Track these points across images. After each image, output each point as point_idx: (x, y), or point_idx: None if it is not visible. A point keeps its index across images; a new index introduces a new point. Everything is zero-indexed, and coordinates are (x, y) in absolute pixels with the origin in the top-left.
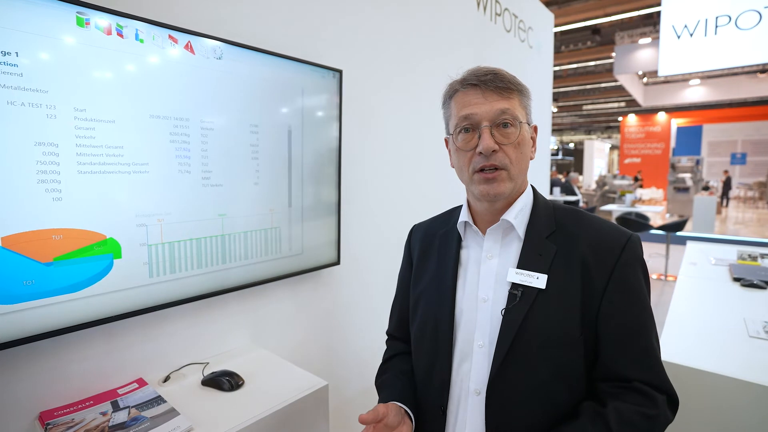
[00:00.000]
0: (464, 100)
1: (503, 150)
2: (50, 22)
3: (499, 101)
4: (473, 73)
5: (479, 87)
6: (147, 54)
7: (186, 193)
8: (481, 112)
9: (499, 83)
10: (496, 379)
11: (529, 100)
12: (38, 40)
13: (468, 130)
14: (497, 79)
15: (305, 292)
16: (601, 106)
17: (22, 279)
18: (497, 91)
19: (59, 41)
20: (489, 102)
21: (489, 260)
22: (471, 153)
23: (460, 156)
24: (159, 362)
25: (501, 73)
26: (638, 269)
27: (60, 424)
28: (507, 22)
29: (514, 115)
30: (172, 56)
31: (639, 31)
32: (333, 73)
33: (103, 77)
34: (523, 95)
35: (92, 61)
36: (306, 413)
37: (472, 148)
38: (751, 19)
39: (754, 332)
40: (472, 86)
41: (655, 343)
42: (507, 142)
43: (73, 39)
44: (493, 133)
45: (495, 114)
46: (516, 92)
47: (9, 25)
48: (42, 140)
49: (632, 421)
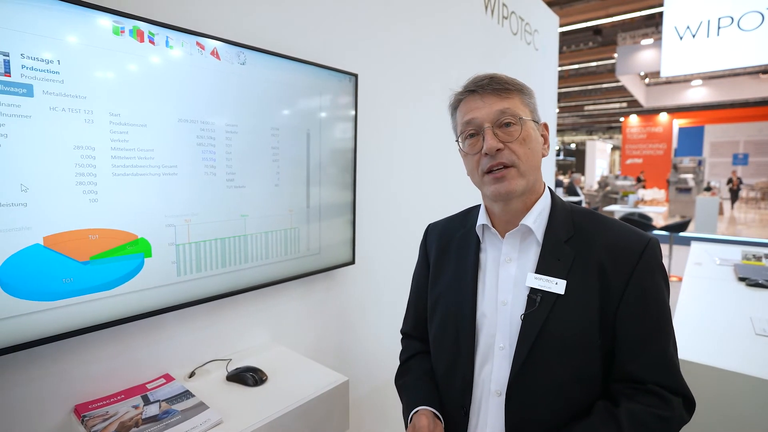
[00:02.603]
0: (466, 107)
1: (508, 147)
2: (90, 31)
3: (497, 102)
4: (472, 81)
5: (477, 92)
6: (176, 60)
7: (211, 195)
8: (482, 115)
9: (496, 86)
10: (517, 380)
11: (531, 99)
12: (78, 48)
13: (472, 134)
14: (493, 82)
15: (321, 291)
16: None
17: (61, 277)
18: (495, 93)
19: (97, 49)
20: (488, 105)
21: (507, 264)
22: (478, 156)
23: (469, 161)
24: (184, 358)
25: (497, 77)
26: (657, 274)
27: (96, 416)
28: (514, 25)
29: (515, 113)
30: (199, 62)
31: (641, 32)
32: (349, 77)
33: (136, 83)
34: (525, 94)
35: (126, 68)
36: (328, 407)
37: (478, 150)
38: (754, 20)
39: (760, 330)
40: (471, 93)
41: (672, 346)
42: (511, 139)
43: (109, 47)
44: (496, 132)
45: (495, 115)
46: (515, 92)
47: (54, 35)
48: (80, 144)
49: (645, 422)
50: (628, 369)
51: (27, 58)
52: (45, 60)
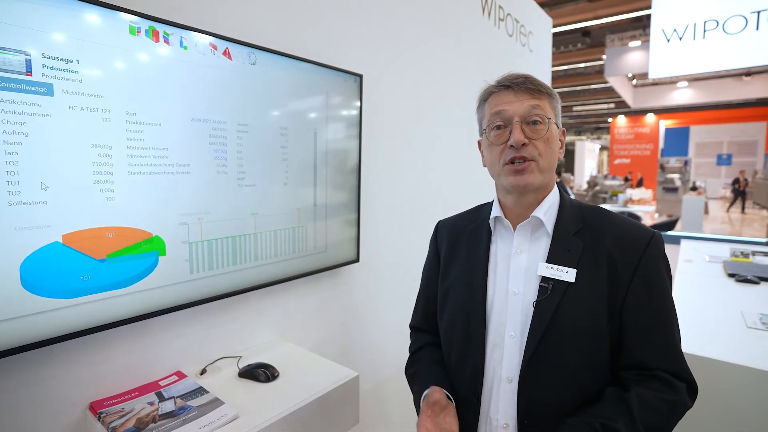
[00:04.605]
0: (497, 100)
1: (533, 144)
2: (107, 31)
3: (530, 99)
4: (506, 77)
5: (512, 88)
6: (190, 60)
7: (223, 193)
8: (513, 109)
9: (530, 85)
10: (528, 367)
11: (558, 105)
12: (96, 48)
13: (500, 126)
14: (528, 81)
15: (326, 288)
16: (591, 107)
17: (79, 275)
18: (528, 91)
19: (114, 49)
20: (520, 100)
21: (518, 255)
22: (502, 146)
23: (492, 150)
24: (195, 356)
25: (531, 77)
26: (661, 265)
27: (112, 413)
28: (509, 26)
29: (544, 113)
30: (212, 62)
31: (629, 34)
32: (354, 77)
33: (151, 82)
34: (553, 99)
35: (142, 68)
36: (339, 402)
37: (504, 141)
38: (738, 24)
39: (751, 323)
40: (505, 88)
41: (676, 334)
42: (537, 136)
43: (126, 46)
44: (523, 128)
45: (526, 110)
46: (546, 95)
47: (75, 35)
48: (98, 142)
49: (654, 405)
50: (636, 356)
51: (47, 57)
52: (65, 59)
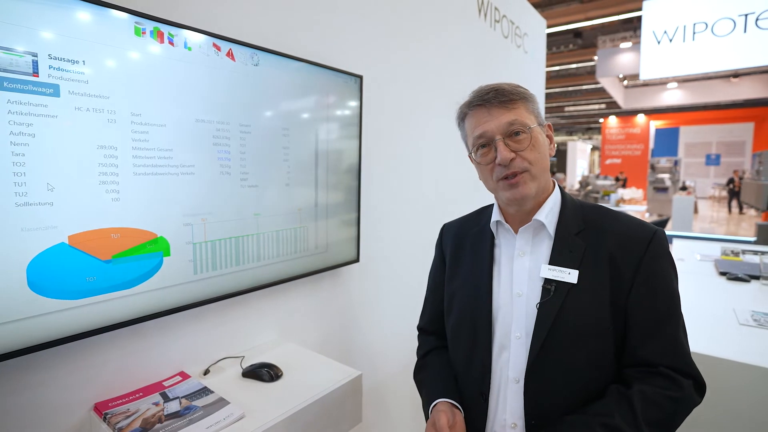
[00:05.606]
0: (474, 121)
1: (520, 156)
2: (113, 32)
3: (505, 114)
4: (476, 94)
5: (484, 106)
6: (194, 61)
7: (226, 194)
8: (491, 128)
9: (501, 98)
10: (533, 367)
11: (535, 104)
12: (102, 49)
13: (484, 146)
14: (498, 94)
15: (326, 288)
16: (583, 108)
17: (85, 275)
18: (501, 105)
19: (119, 50)
20: (495, 117)
21: (521, 258)
22: (491, 165)
23: (482, 170)
24: (197, 356)
25: (501, 88)
26: (665, 261)
27: (118, 413)
28: (505, 28)
29: (523, 123)
30: (215, 63)
31: (620, 35)
32: (354, 78)
33: (156, 83)
34: (528, 101)
35: (146, 68)
36: (343, 401)
37: (491, 160)
38: (726, 26)
39: (743, 320)
40: (478, 106)
41: (681, 331)
42: (521, 147)
43: (131, 47)
44: (507, 143)
45: (504, 127)
46: (519, 101)
47: (80, 36)
48: (104, 143)
49: (656, 402)
50: (640, 353)
51: (53, 58)
52: (71, 60)
